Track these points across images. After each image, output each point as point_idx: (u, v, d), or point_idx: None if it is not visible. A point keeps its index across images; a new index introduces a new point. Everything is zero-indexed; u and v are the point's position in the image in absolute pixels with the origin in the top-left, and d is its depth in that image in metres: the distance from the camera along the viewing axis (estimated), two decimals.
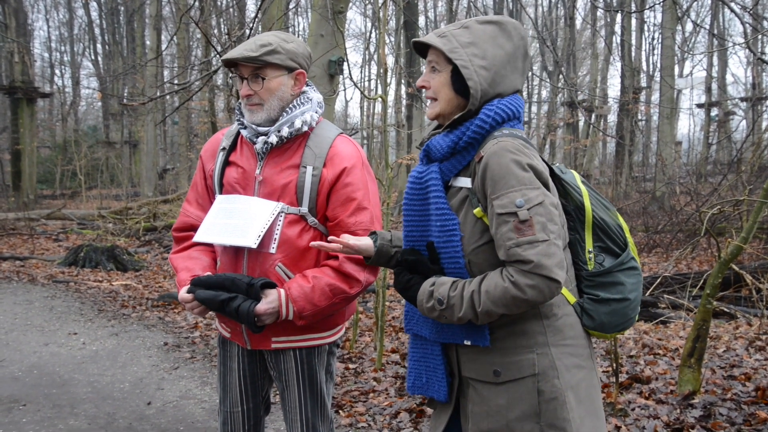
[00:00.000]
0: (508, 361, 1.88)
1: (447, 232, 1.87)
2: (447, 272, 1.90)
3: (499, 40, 1.89)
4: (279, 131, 2.31)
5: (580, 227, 1.97)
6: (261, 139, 2.32)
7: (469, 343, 1.91)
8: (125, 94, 29.74)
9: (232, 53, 2.27)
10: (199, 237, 2.35)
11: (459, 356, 1.98)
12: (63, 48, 42.26)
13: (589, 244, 1.97)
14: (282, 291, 2.25)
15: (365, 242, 2.12)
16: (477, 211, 1.85)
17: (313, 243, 2.16)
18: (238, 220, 2.28)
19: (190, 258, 2.46)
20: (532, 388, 1.85)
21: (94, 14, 37.80)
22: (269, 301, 2.22)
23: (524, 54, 1.95)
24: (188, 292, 2.26)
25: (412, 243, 1.99)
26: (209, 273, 2.34)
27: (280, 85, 2.33)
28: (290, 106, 2.34)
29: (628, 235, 2.03)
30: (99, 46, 38.55)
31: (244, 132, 2.38)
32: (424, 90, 1.98)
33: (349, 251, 2.12)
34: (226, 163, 2.43)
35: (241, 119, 2.40)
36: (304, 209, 2.31)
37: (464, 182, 1.90)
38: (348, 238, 2.11)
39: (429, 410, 4.09)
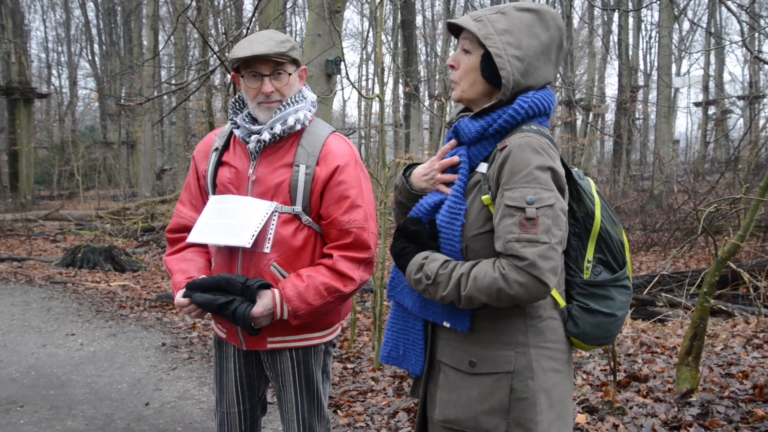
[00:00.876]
0: (485, 354, 1.86)
1: (452, 214, 1.86)
2: (443, 252, 1.89)
3: (535, 30, 1.86)
4: (272, 128, 2.30)
5: (585, 235, 1.94)
6: (254, 137, 2.31)
7: (448, 325, 1.90)
8: (122, 95, 29.71)
9: (257, 48, 2.23)
10: (192, 238, 2.34)
11: (436, 338, 1.97)
12: (60, 48, 42.27)
13: (590, 253, 1.95)
14: (276, 291, 2.24)
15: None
16: (485, 198, 1.83)
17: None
18: (231, 220, 2.27)
19: (184, 260, 2.45)
20: (505, 385, 1.84)
21: (91, 14, 37.84)
22: (264, 303, 2.21)
23: (559, 45, 1.91)
24: (184, 296, 2.26)
25: (419, 214, 1.97)
26: (204, 276, 2.33)
27: (296, 80, 2.35)
28: (284, 103, 2.33)
29: (628, 254, 2.02)
30: (96, 46, 38.55)
31: (236, 132, 2.37)
32: (452, 69, 1.96)
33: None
34: (219, 163, 2.42)
35: (234, 118, 2.39)
36: (298, 208, 2.30)
37: (482, 168, 1.89)
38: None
39: None
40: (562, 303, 1.94)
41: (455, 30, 1.99)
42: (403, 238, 1.94)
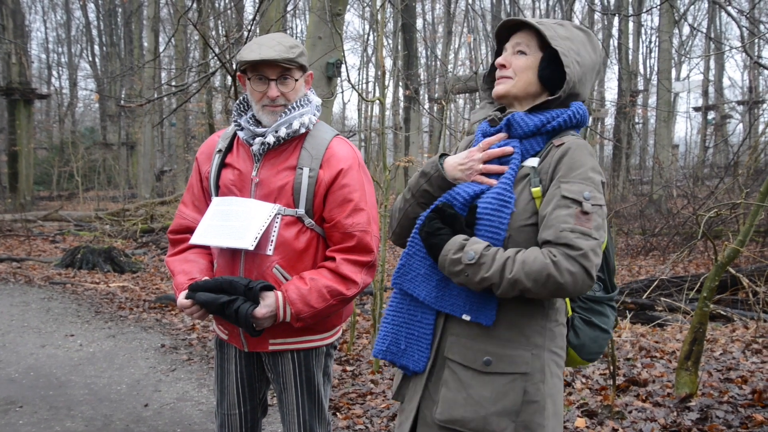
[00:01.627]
0: (503, 353, 1.84)
1: (501, 201, 1.83)
2: (481, 239, 1.85)
3: (588, 47, 1.96)
4: (276, 131, 2.30)
5: None
6: (258, 140, 2.31)
7: (468, 318, 1.85)
8: (123, 96, 29.72)
9: (266, 53, 2.24)
10: (195, 239, 2.34)
11: (445, 334, 1.92)
12: (60, 49, 42.30)
13: None
14: (279, 294, 2.24)
15: None
16: (536, 190, 1.84)
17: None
18: (234, 222, 2.27)
19: (186, 261, 2.45)
20: (519, 387, 1.82)
21: (92, 16, 37.85)
22: (267, 305, 2.21)
23: (598, 70, 2.01)
24: (187, 297, 2.25)
25: (455, 201, 1.93)
26: (207, 278, 2.33)
27: (302, 86, 2.36)
28: (290, 107, 2.34)
29: (614, 279, 2.09)
30: (96, 47, 38.57)
31: (240, 133, 2.37)
32: (502, 69, 1.98)
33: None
34: (222, 165, 2.42)
35: (238, 120, 2.39)
36: (301, 211, 2.30)
37: (531, 162, 1.90)
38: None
39: None
40: (570, 312, 1.97)
41: (506, 32, 2.03)
42: (439, 219, 1.89)
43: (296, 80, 2.31)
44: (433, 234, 1.86)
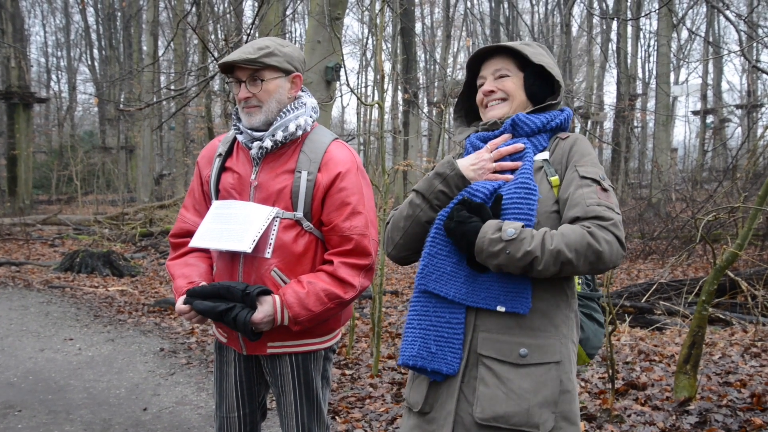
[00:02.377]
0: (536, 343, 1.85)
1: (526, 189, 1.89)
2: None
3: (552, 59, 2.12)
4: (274, 135, 2.32)
5: None
6: (256, 144, 2.33)
7: (503, 309, 1.86)
8: (122, 100, 29.74)
9: (231, 57, 2.29)
10: (194, 242, 2.35)
11: (476, 332, 1.90)
12: (60, 53, 42.36)
13: None
14: (277, 297, 2.24)
15: None
16: (554, 179, 1.94)
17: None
18: (233, 225, 2.28)
19: (186, 265, 2.45)
20: (555, 376, 1.84)
21: (91, 20, 37.88)
22: (265, 309, 2.21)
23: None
24: (185, 302, 2.26)
25: (473, 196, 1.94)
26: (204, 283, 2.33)
27: (278, 87, 2.35)
28: (284, 110, 2.36)
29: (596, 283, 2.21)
30: (96, 51, 38.60)
31: (240, 137, 2.39)
32: (490, 95, 2.10)
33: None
34: (222, 168, 2.44)
35: (238, 125, 2.41)
36: (300, 214, 2.31)
37: (541, 156, 2.01)
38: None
39: None
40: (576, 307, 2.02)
41: (476, 61, 2.16)
42: (465, 210, 1.89)
43: (264, 81, 2.32)
44: (464, 222, 1.86)
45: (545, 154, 2.00)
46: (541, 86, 2.07)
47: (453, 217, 1.88)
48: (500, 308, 1.86)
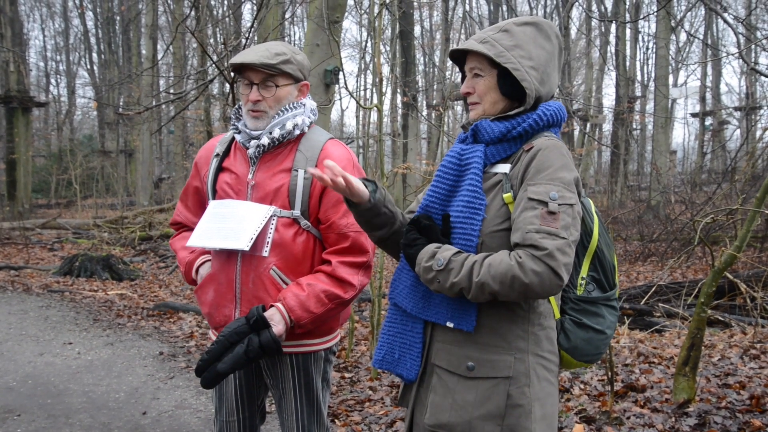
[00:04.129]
0: (485, 358, 1.87)
1: (472, 209, 1.87)
2: (456, 246, 1.88)
3: (539, 41, 1.95)
4: (271, 133, 2.34)
5: (582, 252, 1.98)
6: (253, 142, 2.35)
7: (451, 325, 1.89)
8: (121, 104, 29.74)
9: (248, 57, 2.29)
10: (192, 242, 2.37)
11: (432, 341, 1.97)
12: (59, 57, 42.35)
13: (584, 270, 2.00)
14: (280, 305, 2.26)
15: (361, 187, 1.92)
16: (507, 196, 1.87)
17: (310, 169, 1.92)
18: (231, 224, 2.29)
19: (184, 238, 2.55)
20: (503, 391, 1.84)
21: (90, 23, 37.87)
22: (277, 321, 2.24)
23: (560, 51, 2.02)
24: (207, 386, 2.22)
25: (428, 213, 1.98)
26: (208, 350, 2.25)
27: (288, 94, 2.38)
28: (282, 109, 2.37)
29: (617, 278, 2.08)
30: (95, 55, 38.63)
31: (238, 137, 2.41)
32: (468, 96, 2.02)
33: (342, 188, 1.89)
34: (220, 168, 2.46)
35: (237, 124, 2.42)
36: (297, 212, 2.33)
37: (502, 168, 1.93)
38: (346, 174, 1.89)
39: None
40: (557, 314, 1.98)
41: (460, 57, 2.05)
42: (415, 231, 1.93)
43: (278, 87, 2.34)
44: (410, 245, 1.92)
45: (506, 167, 1.92)
46: (514, 83, 1.93)
47: (403, 239, 1.95)
48: (449, 324, 1.90)
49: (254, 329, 2.21)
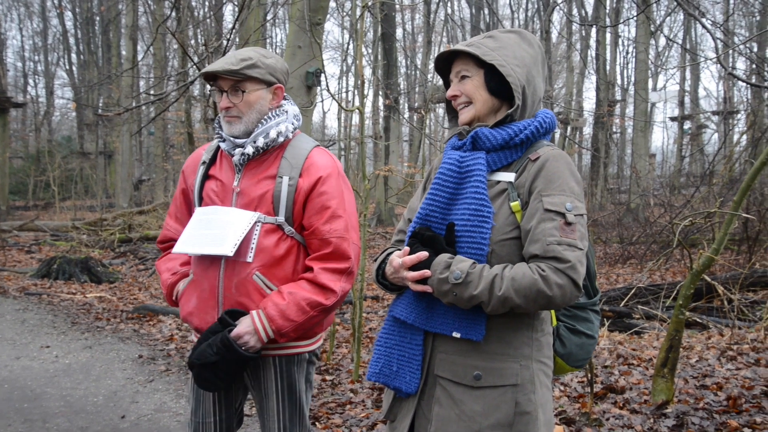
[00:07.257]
0: (491, 366, 1.86)
1: (480, 217, 1.85)
2: (464, 256, 1.86)
3: (522, 45, 1.99)
4: (255, 142, 2.35)
5: None
6: (238, 150, 2.36)
7: (458, 335, 1.87)
8: (100, 105, 29.50)
9: (213, 66, 2.32)
10: (177, 248, 2.38)
11: (434, 352, 1.94)
12: (37, 57, 41.90)
13: None
14: (254, 312, 2.27)
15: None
16: (515, 204, 1.86)
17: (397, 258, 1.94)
18: (215, 230, 2.30)
19: (169, 260, 2.57)
20: (510, 399, 1.83)
21: (69, 24, 37.49)
22: (244, 322, 2.26)
23: (543, 61, 2.04)
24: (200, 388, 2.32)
25: (428, 223, 1.96)
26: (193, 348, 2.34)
27: (259, 98, 2.38)
28: (265, 117, 2.39)
29: (596, 284, 2.11)
30: (74, 55, 38.26)
31: (222, 145, 2.42)
32: (455, 99, 2.02)
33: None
34: (206, 176, 2.47)
35: (221, 132, 2.43)
36: (281, 218, 2.33)
37: (505, 176, 1.92)
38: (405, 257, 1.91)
39: None
40: (555, 321, 2.00)
41: (443, 67, 2.07)
42: (419, 244, 1.91)
43: (245, 92, 2.35)
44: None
45: (511, 176, 1.91)
46: (501, 82, 1.94)
47: (408, 253, 1.92)
48: (456, 334, 1.88)
49: (223, 325, 2.27)
